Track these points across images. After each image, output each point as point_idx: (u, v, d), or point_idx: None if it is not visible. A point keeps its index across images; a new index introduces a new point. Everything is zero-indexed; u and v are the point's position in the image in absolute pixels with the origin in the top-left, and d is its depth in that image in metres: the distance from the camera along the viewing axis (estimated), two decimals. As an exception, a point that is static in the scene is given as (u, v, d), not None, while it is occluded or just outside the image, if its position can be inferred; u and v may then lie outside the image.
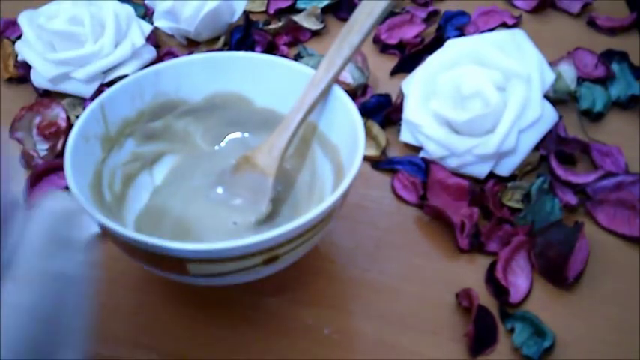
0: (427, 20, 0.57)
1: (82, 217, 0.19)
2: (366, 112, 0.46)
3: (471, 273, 0.37)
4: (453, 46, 0.44)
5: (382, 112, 0.47)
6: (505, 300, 0.35)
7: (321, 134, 0.38)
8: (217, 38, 0.55)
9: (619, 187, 0.40)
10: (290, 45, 0.55)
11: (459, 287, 0.36)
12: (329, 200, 0.29)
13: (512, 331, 0.34)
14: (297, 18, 0.56)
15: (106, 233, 0.29)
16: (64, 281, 0.17)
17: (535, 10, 0.59)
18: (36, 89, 0.51)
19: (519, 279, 0.36)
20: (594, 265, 0.37)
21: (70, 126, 0.46)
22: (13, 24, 0.56)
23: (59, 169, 0.42)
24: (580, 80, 0.49)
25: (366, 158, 0.43)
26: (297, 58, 0.52)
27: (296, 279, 0.37)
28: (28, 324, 0.15)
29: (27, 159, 0.45)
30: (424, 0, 0.60)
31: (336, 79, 0.37)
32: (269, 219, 0.37)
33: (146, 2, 0.57)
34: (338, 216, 0.33)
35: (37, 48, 0.49)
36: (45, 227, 0.17)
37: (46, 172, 0.43)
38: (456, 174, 0.41)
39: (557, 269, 0.36)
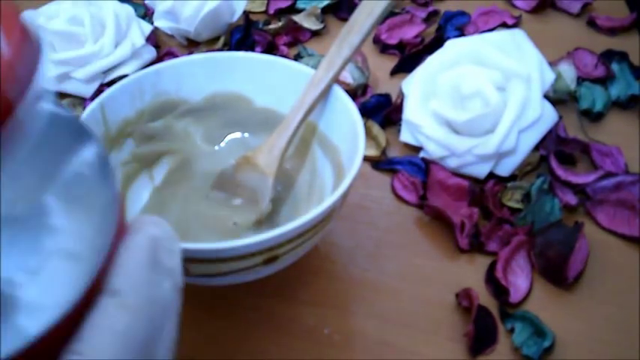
0: (427, 20, 0.57)
1: (174, 242, 0.19)
2: (366, 112, 0.46)
3: (470, 273, 0.37)
4: (453, 46, 0.44)
5: (382, 112, 0.47)
6: (505, 300, 0.35)
7: (321, 134, 0.38)
8: (217, 38, 0.55)
9: (619, 187, 0.40)
10: (290, 45, 0.55)
11: (459, 287, 0.36)
12: (329, 200, 0.29)
13: (512, 331, 0.34)
14: (297, 18, 0.55)
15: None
16: (159, 308, 0.17)
17: (535, 10, 0.59)
18: (36, 89, 0.50)
19: (519, 279, 0.36)
20: (594, 265, 0.37)
21: (70, 126, 0.46)
22: (13, 24, 0.56)
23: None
24: (580, 80, 0.49)
25: (366, 158, 0.43)
26: (297, 58, 0.52)
27: (296, 279, 0.37)
28: (124, 349, 0.15)
29: (27, 159, 0.45)
30: (424, 0, 0.60)
31: (336, 79, 0.37)
32: (269, 219, 0.37)
33: (146, 2, 0.57)
34: (338, 216, 0.33)
35: (37, 48, 0.49)
36: (145, 253, 0.17)
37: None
38: (456, 174, 0.41)
39: (557, 269, 0.36)
